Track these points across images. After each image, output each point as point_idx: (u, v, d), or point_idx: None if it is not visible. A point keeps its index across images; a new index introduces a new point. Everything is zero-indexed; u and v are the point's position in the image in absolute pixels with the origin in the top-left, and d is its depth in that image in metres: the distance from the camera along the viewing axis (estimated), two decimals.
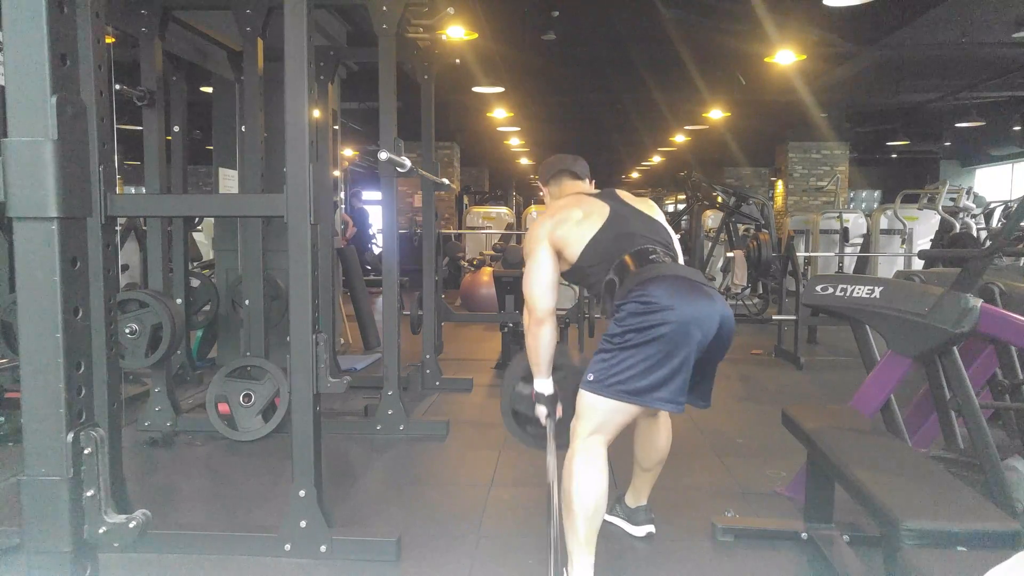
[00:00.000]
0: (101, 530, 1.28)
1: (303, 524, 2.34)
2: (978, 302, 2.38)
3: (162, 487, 3.16)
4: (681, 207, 12.79)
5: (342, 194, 8.69)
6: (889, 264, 9.63)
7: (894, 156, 15.82)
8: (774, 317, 6.46)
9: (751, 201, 8.19)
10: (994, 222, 9.25)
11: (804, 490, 2.54)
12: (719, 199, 8.73)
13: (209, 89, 5.39)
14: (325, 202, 2.32)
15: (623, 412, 2.06)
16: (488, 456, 3.48)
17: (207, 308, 5.00)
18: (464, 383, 4.87)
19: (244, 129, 4.07)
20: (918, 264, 7.76)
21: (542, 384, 2.32)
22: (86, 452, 1.26)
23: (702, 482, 3.16)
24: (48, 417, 1.23)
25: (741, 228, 8.66)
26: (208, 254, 7.07)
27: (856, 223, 10.22)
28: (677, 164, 16.95)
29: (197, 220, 6.87)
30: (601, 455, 2.06)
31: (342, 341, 6.13)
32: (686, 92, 9.35)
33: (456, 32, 5.68)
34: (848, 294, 2.72)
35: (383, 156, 3.41)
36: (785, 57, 7.19)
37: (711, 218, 9.70)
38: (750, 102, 10.10)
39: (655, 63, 8.07)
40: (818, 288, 2.85)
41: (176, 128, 4.52)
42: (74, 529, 1.24)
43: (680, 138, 13.70)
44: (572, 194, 2.50)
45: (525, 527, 2.64)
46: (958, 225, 8.40)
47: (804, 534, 2.48)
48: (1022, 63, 8.11)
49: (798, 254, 6.87)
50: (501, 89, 8.89)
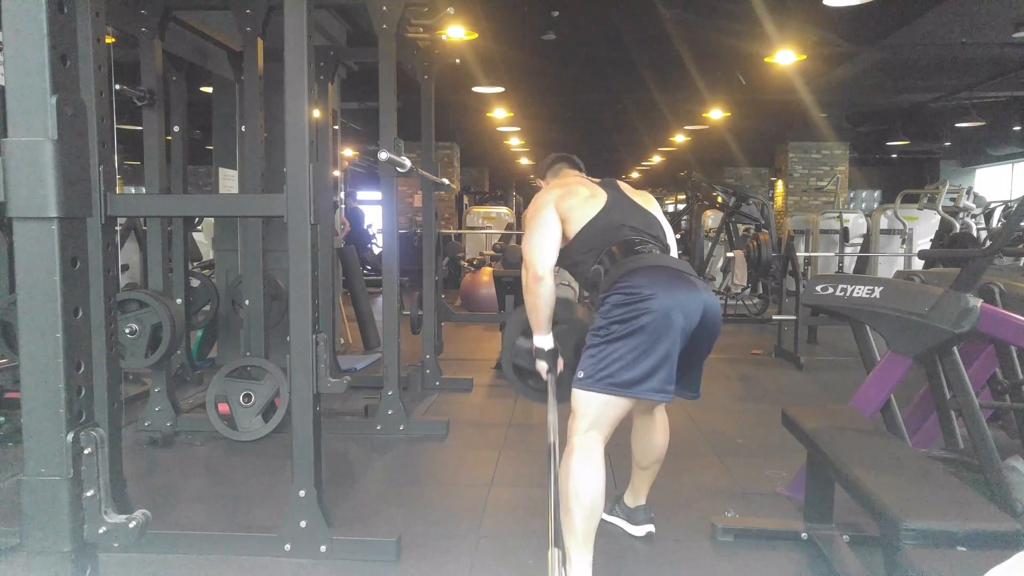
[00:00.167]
0: (101, 530, 1.28)
1: (303, 524, 2.35)
2: (978, 302, 2.38)
3: (162, 487, 3.16)
4: (681, 207, 12.80)
5: (342, 194, 8.68)
6: (889, 264, 9.63)
7: (894, 156, 15.82)
8: (774, 317, 6.46)
9: (751, 201, 8.20)
10: (994, 222, 9.25)
11: (804, 490, 2.54)
12: (719, 199, 8.74)
13: (209, 89, 5.39)
14: (325, 202, 2.32)
15: (615, 406, 2.07)
16: (488, 456, 3.48)
17: (207, 308, 5.00)
18: (464, 383, 4.87)
19: (244, 129, 4.07)
20: (918, 264, 7.76)
21: (542, 340, 2.32)
22: (86, 452, 1.26)
23: (702, 482, 3.16)
24: (48, 417, 1.23)
25: (741, 228, 8.67)
26: (208, 254, 7.07)
27: (856, 223, 10.23)
28: (677, 164, 16.95)
29: (197, 220, 6.87)
30: (598, 453, 2.07)
31: (342, 341, 6.13)
32: (686, 92, 9.35)
33: (456, 32, 5.68)
34: (848, 294, 2.72)
35: (383, 156, 3.41)
36: (785, 57, 7.19)
37: (711, 218, 9.70)
38: (750, 102, 10.10)
39: (655, 63, 8.06)
40: (818, 288, 2.85)
41: (176, 128, 4.53)
42: (74, 529, 1.24)
43: (680, 138, 13.70)
44: (575, 176, 2.54)
45: (525, 527, 2.64)
46: (958, 225, 8.40)
47: (804, 534, 2.48)
48: (1022, 63, 8.10)
49: (798, 254, 6.87)
50: (501, 89, 8.89)
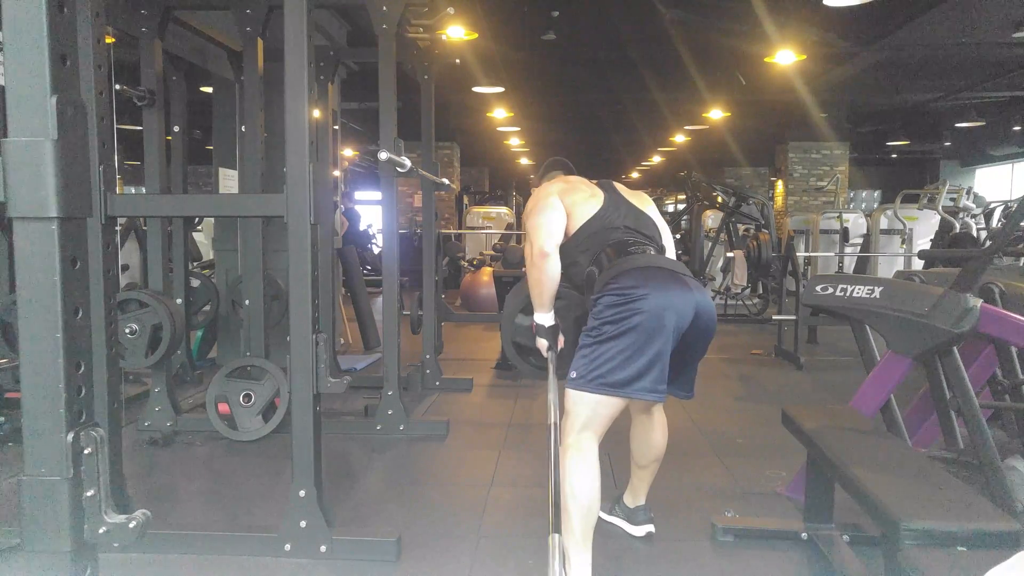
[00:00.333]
0: (101, 530, 1.28)
1: (303, 524, 2.35)
2: (978, 302, 2.38)
3: (162, 487, 3.16)
4: (681, 207, 12.79)
5: (342, 194, 8.69)
6: (889, 264, 9.63)
7: (894, 156, 15.83)
8: (774, 317, 6.46)
9: (751, 201, 8.20)
10: (994, 222, 9.25)
11: (804, 490, 2.54)
12: (719, 199, 8.74)
13: (209, 89, 5.39)
14: (325, 202, 2.32)
15: (608, 405, 2.07)
16: (488, 456, 3.48)
17: (207, 308, 5.00)
18: (464, 383, 4.87)
19: (244, 129, 4.07)
20: (918, 264, 7.76)
21: (543, 316, 2.32)
22: (86, 452, 1.26)
23: (702, 482, 3.16)
24: (48, 417, 1.23)
25: (741, 228, 8.67)
26: (208, 254, 7.07)
27: (856, 223, 10.23)
28: (677, 164, 16.95)
29: (197, 220, 6.87)
30: (592, 451, 2.07)
31: (342, 341, 6.13)
32: (686, 92, 9.35)
33: (456, 32, 5.68)
34: (848, 294, 2.72)
35: (383, 156, 3.41)
36: (785, 57, 7.19)
37: (711, 218, 9.70)
38: (750, 102, 10.10)
39: (655, 63, 8.07)
40: (818, 288, 2.85)
41: (176, 128, 4.53)
42: (74, 529, 1.24)
43: (680, 138, 13.70)
44: (575, 178, 2.56)
45: (525, 527, 2.64)
46: (958, 225, 8.40)
47: (804, 534, 2.48)
48: (1022, 63, 8.11)
49: (798, 254, 6.87)
50: (501, 89, 8.89)
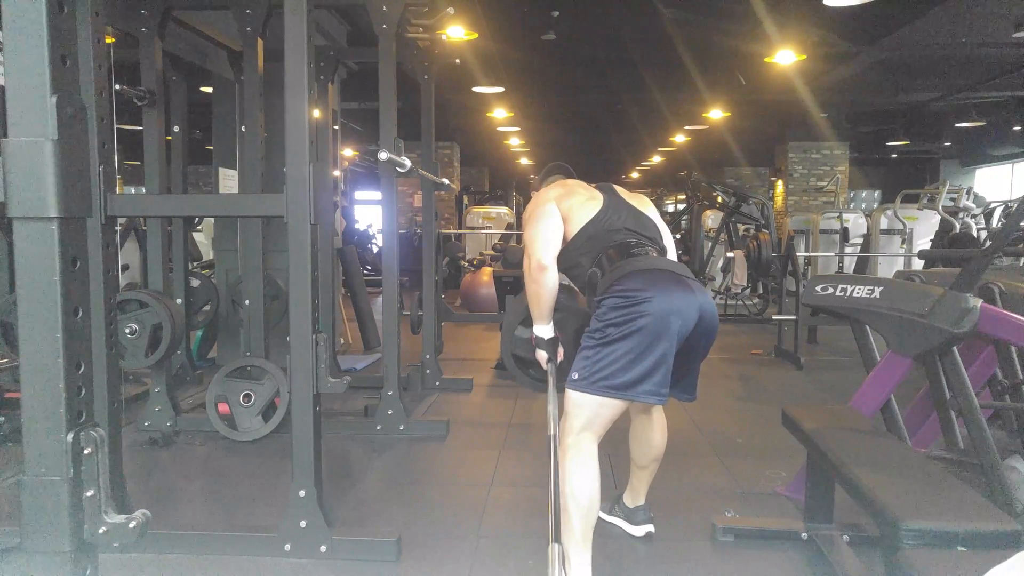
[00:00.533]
0: (101, 530, 1.28)
1: (303, 524, 2.35)
2: (978, 302, 2.38)
3: (162, 487, 3.16)
4: (681, 207, 12.80)
5: (342, 194, 8.69)
6: (889, 264, 9.64)
7: (894, 156, 15.82)
8: (774, 317, 6.46)
9: (751, 201, 8.21)
10: (994, 222, 9.25)
11: (804, 490, 2.54)
12: (719, 199, 8.75)
13: (209, 89, 5.39)
14: (325, 202, 2.31)
15: (610, 407, 2.07)
16: (488, 456, 3.48)
17: (207, 308, 5.00)
18: (464, 383, 4.87)
19: (244, 129, 4.07)
20: (918, 264, 7.76)
21: (542, 329, 2.32)
22: (86, 452, 1.26)
23: (702, 482, 3.16)
24: (48, 417, 1.23)
25: (741, 228, 8.68)
26: (208, 254, 7.07)
27: (856, 223, 10.23)
28: (677, 164, 16.94)
29: (197, 220, 6.87)
30: (592, 452, 2.07)
31: (342, 341, 6.13)
32: (686, 92, 9.34)
33: (456, 32, 5.68)
34: (848, 294, 2.72)
35: (383, 156, 3.41)
36: (785, 57, 7.19)
37: (711, 218, 9.71)
38: (750, 102, 10.09)
39: (655, 63, 8.06)
40: (818, 288, 2.85)
41: (176, 128, 4.53)
42: (74, 529, 1.24)
43: (680, 138, 13.69)
44: (573, 181, 2.57)
45: (525, 527, 2.64)
46: (958, 225, 8.40)
47: (804, 534, 2.48)
48: (1022, 63, 8.10)
49: (798, 254, 6.87)
50: (501, 89, 8.89)
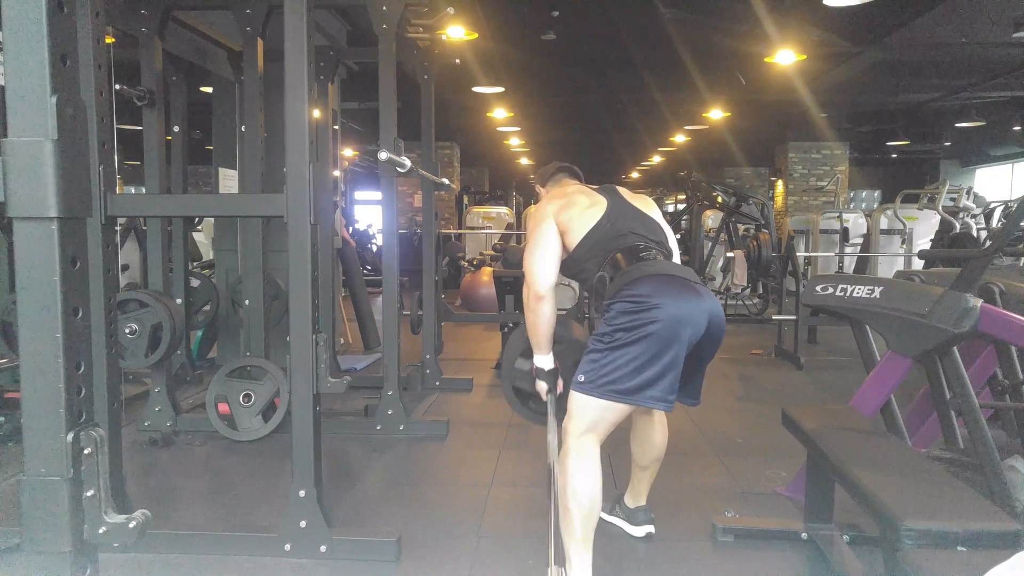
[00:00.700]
0: (101, 530, 1.28)
1: (303, 524, 2.35)
2: (978, 302, 2.38)
3: (162, 487, 3.16)
4: (681, 207, 12.79)
5: (342, 194, 8.69)
6: (889, 264, 9.63)
7: (894, 156, 15.82)
8: (774, 317, 6.46)
9: (751, 201, 8.20)
10: (994, 222, 9.25)
11: (804, 490, 2.54)
12: (719, 199, 8.74)
13: (209, 89, 5.39)
14: (325, 202, 2.31)
15: (615, 411, 2.06)
16: (488, 456, 3.48)
17: (207, 308, 5.00)
18: (464, 383, 4.87)
19: (244, 129, 4.07)
20: (918, 264, 7.76)
21: (542, 360, 2.32)
22: (86, 452, 1.26)
23: (702, 482, 3.16)
24: (48, 417, 1.23)
25: (741, 228, 8.67)
26: (208, 254, 7.07)
27: (856, 223, 10.22)
28: (677, 164, 16.94)
29: (197, 220, 6.87)
30: (594, 453, 2.06)
31: (342, 341, 6.13)
32: (686, 92, 9.34)
33: (456, 32, 5.68)
34: (848, 294, 2.72)
35: (383, 156, 3.41)
36: (785, 57, 7.19)
37: (711, 218, 9.70)
38: (750, 102, 10.09)
39: (655, 63, 8.06)
40: (818, 288, 2.85)
41: (176, 128, 4.52)
42: (74, 529, 1.24)
43: (680, 138, 13.69)
44: (575, 185, 2.53)
45: (525, 527, 2.64)
46: (958, 225, 8.40)
47: (804, 534, 2.48)
48: (1022, 63, 8.10)
49: (798, 254, 6.87)
50: (501, 89, 8.89)
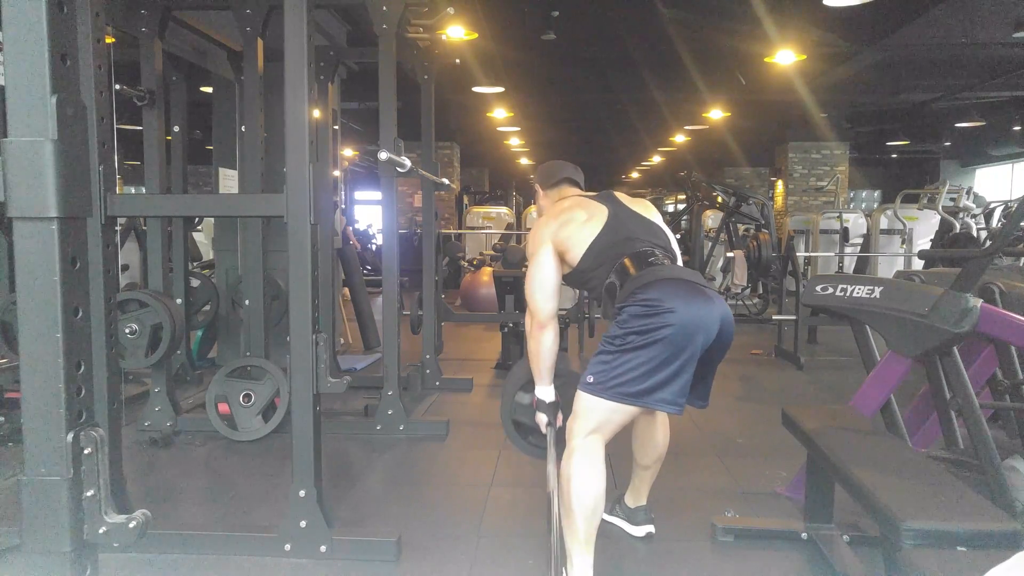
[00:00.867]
0: (101, 530, 1.28)
1: (303, 524, 2.35)
2: (978, 302, 2.38)
3: (162, 487, 3.16)
4: (681, 207, 12.79)
5: (342, 194, 8.70)
6: (889, 264, 9.63)
7: (894, 156, 15.82)
8: (774, 317, 6.46)
9: (751, 201, 8.19)
10: (994, 222, 9.25)
11: (804, 490, 2.54)
12: (719, 199, 8.73)
13: (209, 89, 5.39)
14: (325, 202, 2.31)
15: (622, 413, 2.06)
16: (488, 456, 3.48)
17: (207, 308, 5.00)
18: (464, 383, 4.87)
19: (244, 129, 4.07)
20: (918, 264, 7.76)
21: (543, 391, 2.32)
22: (86, 452, 1.26)
23: (702, 482, 3.16)
24: (48, 417, 1.23)
25: (741, 228, 8.67)
26: (208, 254, 7.07)
27: (856, 223, 10.22)
28: (677, 164, 16.93)
29: (197, 220, 6.87)
30: (599, 454, 2.06)
31: (342, 341, 6.13)
32: (686, 92, 9.34)
33: (456, 32, 5.68)
34: (848, 294, 2.72)
35: (383, 156, 3.41)
36: (785, 57, 7.18)
37: (711, 218, 9.70)
38: (750, 102, 10.08)
39: (655, 63, 8.06)
40: (818, 288, 2.85)
41: (176, 128, 4.53)
42: (74, 529, 1.24)
43: (680, 138, 13.69)
44: (573, 196, 2.50)
45: (525, 527, 2.64)
46: (958, 225, 8.40)
47: (804, 534, 2.48)
48: (1022, 63, 8.10)
49: (798, 254, 6.87)
50: (501, 89, 8.89)
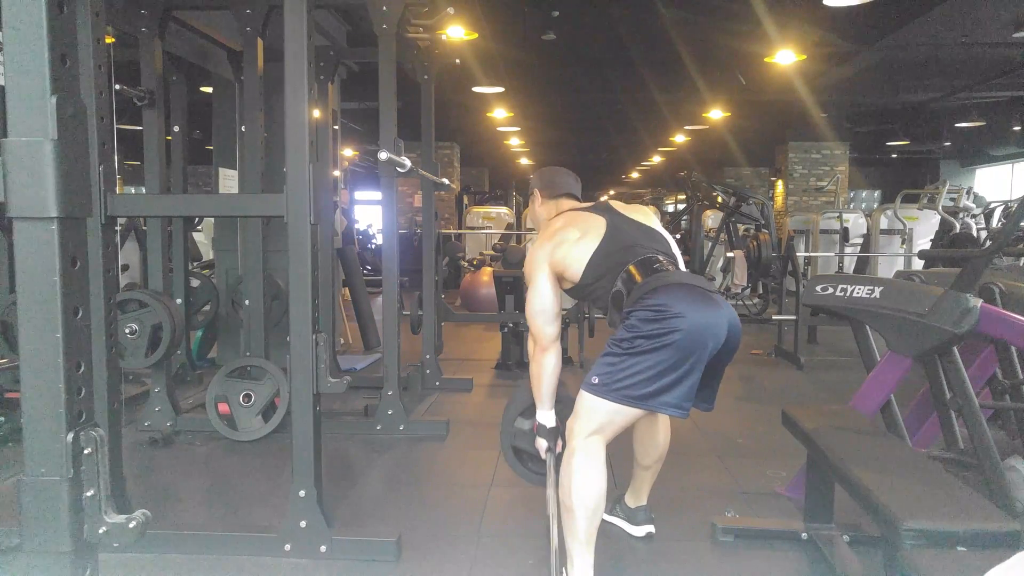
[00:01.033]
0: (101, 530, 1.28)
1: (303, 524, 2.35)
2: (978, 302, 2.38)
3: (162, 487, 3.16)
4: (681, 207, 12.80)
5: (349, 195, 8.70)
6: (889, 264, 9.63)
7: (894, 156, 15.80)
8: (774, 317, 6.46)
9: (751, 201, 8.19)
10: (994, 222, 9.25)
11: (804, 490, 2.54)
12: (719, 199, 8.73)
13: (209, 89, 5.39)
14: (325, 202, 2.32)
15: (625, 415, 2.06)
16: (488, 456, 3.48)
17: (207, 308, 5.00)
18: (464, 383, 4.87)
19: (244, 129, 4.07)
20: (918, 264, 7.76)
21: (544, 416, 2.31)
22: (86, 452, 1.26)
23: (702, 482, 3.16)
24: (48, 417, 1.23)
25: (741, 228, 8.67)
26: (208, 254, 7.07)
27: (856, 223, 10.22)
28: (677, 164, 16.94)
29: (197, 220, 6.87)
30: (600, 454, 2.07)
31: (342, 341, 6.13)
32: (686, 92, 9.34)
33: (456, 32, 5.68)
34: (848, 294, 2.72)
35: (383, 156, 3.41)
36: (785, 57, 7.19)
37: (711, 218, 9.70)
38: (750, 102, 10.09)
39: (655, 63, 8.06)
40: (818, 288, 2.84)
41: (176, 128, 4.53)
42: (74, 529, 1.24)
43: (680, 138, 13.69)
44: (567, 211, 2.43)
45: (525, 527, 2.64)
46: (958, 225, 8.40)
47: (804, 534, 2.48)
48: (1022, 63, 8.10)
49: (798, 254, 6.87)
50: (501, 89, 8.89)
